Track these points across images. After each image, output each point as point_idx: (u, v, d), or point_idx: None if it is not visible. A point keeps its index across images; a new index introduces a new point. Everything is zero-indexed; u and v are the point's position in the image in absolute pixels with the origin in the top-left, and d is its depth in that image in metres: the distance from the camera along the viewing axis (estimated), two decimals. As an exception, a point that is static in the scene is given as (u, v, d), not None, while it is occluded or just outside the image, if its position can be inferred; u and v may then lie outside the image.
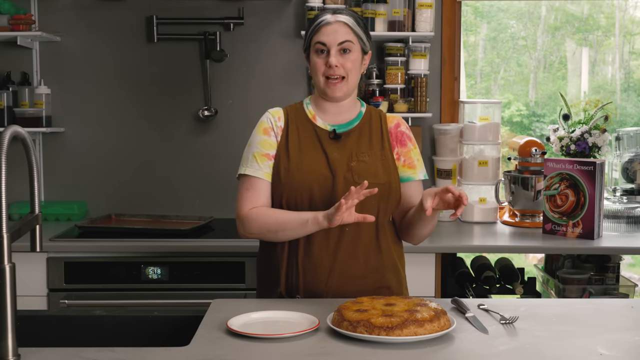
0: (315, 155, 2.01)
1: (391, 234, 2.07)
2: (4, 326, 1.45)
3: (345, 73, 1.99)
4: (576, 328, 1.73)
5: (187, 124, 3.52)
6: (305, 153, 2.02)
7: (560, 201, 3.03)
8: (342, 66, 1.99)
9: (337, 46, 1.98)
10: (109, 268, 2.89)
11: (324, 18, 2.00)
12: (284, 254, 2.01)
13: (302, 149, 2.02)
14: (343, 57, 1.99)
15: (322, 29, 1.99)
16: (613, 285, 3.08)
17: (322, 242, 1.98)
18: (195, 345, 1.59)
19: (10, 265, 1.45)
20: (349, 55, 1.99)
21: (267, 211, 1.98)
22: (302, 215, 1.93)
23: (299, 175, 1.99)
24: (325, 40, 1.98)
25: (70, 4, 3.45)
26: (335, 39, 1.98)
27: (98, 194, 3.51)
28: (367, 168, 2.01)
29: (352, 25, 1.99)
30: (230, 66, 3.49)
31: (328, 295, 1.97)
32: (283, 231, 1.95)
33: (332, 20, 1.99)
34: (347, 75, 2.00)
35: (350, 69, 2.00)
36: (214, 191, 3.50)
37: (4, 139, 1.45)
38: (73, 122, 3.50)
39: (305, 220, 1.91)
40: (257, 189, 2.01)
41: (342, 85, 2.01)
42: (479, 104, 3.55)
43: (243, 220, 2.00)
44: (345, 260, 1.98)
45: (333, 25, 1.99)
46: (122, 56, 3.49)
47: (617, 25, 5.74)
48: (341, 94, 2.02)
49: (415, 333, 1.57)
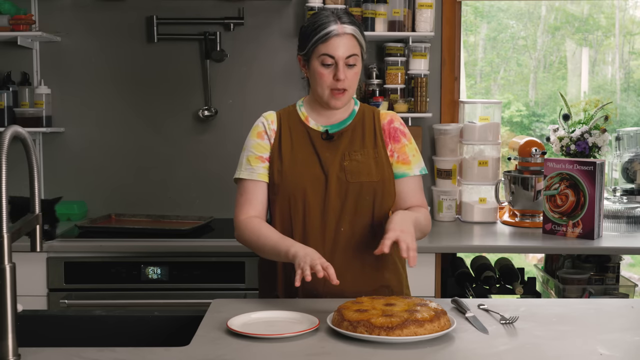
0: (308, 157, 2.02)
1: None
2: (4, 326, 1.46)
3: (348, 85, 2.00)
4: (576, 328, 1.73)
5: (187, 124, 3.52)
6: (297, 155, 2.02)
7: (560, 201, 3.03)
8: (347, 78, 1.99)
9: (345, 59, 1.97)
10: (109, 268, 2.89)
11: (330, 29, 1.95)
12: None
13: (294, 150, 2.03)
14: (349, 70, 1.98)
15: (331, 41, 1.95)
16: (613, 285, 3.09)
17: (319, 242, 1.99)
18: (195, 345, 1.59)
19: (11, 265, 1.46)
20: (354, 68, 1.99)
21: (255, 227, 1.99)
22: (278, 245, 1.90)
23: (291, 177, 2.00)
24: (334, 54, 1.95)
25: (71, 4, 3.46)
26: (344, 52, 1.96)
27: (98, 194, 3.51)
28: (360, 166, 2.01)
29: (357, 36, 1.98)
30: (230, 66, 3.49)
31: (327, 296, 1.97)
32: (262, 253, 1.99)
33: (340, 32, 1.95)
34: (349, 88, 2.00)
35: (353, 81, 2.01)
36: (213, 191, 3.50)
37: (4, 139, 1.45)
38: (73, 122, 3.50)
39: (278, 252, 1.91)
40: (251, 193, 2.04)
41: (345, 97, 2.01)
42: (479, 104, 3.55)
43: (236, 227, 2.04)
44: (342, 260, 1.99)
45: (342, 37, 1.95)
46: (122, 56, 3.50)
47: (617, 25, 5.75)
48: (343, 104, 2.03)
49: (416, 333, 1.57)
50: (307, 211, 1.99)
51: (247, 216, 2.02)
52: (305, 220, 2.00)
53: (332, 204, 1.99)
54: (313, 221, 1.99)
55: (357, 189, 2.00)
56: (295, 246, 1.86)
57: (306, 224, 2.00)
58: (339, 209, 1.99)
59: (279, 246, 1.90)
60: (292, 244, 1.88)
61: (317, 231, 1.99)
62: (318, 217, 1.99)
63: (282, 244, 1.90)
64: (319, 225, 1.99)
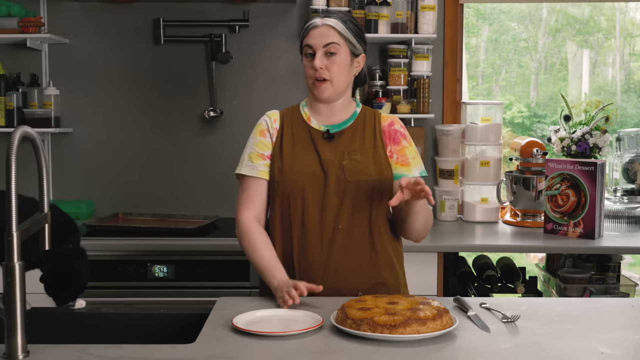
0: (308, 155, 2.05)
1: (386, 231, 2.09)
2: (14, 323, 1.47)
3: (330, 76, 2.02)
4: (577, 327, 1.73)
5: (193, 125, 3.55)
6: (298, 153, 2.05)
7: (562, 201, 3.05)
8: (327, 69, 2.02)
9: (323, 48, 2.01)
10: (116, 266, 2.91)
11: (312, 22, 2.05)
12: (280, 252, 2.05)
13: (295, 149, 2.06)
14: (329, 60, 2.02)
15: (310, 32, 2.03)
16: (614, 285, 3.09)
17: (317, 239, 2.02)
18: (201, 343, 1.61)
19: (20, 263, 1.47)
20: (334, 58, 2.02)
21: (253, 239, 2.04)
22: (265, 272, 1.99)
23: (291, 175, 2.03)
24: (311, 43, 2.02)
25: (79, 7, 3.48)
26: (321, 41, 2.01)
27: (105, 193, 3.54)
28: (359, 166, 2.03)
29: (339, 28, 2.02)
30: (235, 68, 3.51)
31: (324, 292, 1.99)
32: (252, 264, 2.05)
33: (319, 24, 2.03)
34: (332, 78, 2.03)
35: (336, 72, 2.03)
36: (219, 190, 3.52)
37: (14, 139, 1.47)
38: (81, 122, 3.53)
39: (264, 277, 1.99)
40: (252, 190, 2.08)
41: (327, 87, 2.03)
42: (480, 105, 3.56)
43: (237, 228, 2.09)
44: (339, 257, 2.02)
45: (320, 28, 2.02)
46: (129, 58, 3.52)
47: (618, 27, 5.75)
48: (327, 96, 2.05)
49: (418, 331, 1.58)
50: (305, 209, 2.02)
51: (248, 218, 2.06)
52: (304, 217, 2.02)
53: (330, 202, 2.02)
54: (311, 219, 2.02)
55: (355, 188, 2.02)
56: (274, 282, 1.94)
57: (305, 221, 2.02)
58: (337, 207, 2.02)
59: (265, 273, 1.99)
60: (272, 278, 1.95)
61: (316, 228, 2.02)
62: (316, 214, 2.02)
63: (268, 273, 1.98)
64: (317, 222, 2.02)
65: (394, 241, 2.12)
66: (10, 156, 1.44)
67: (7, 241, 1.46)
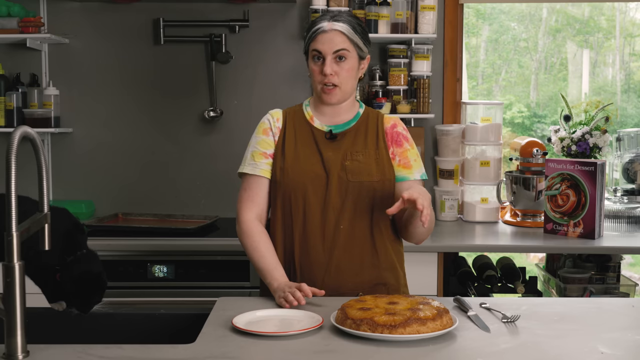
0: (310, 155, 2.05)
1: (388, 232, 2.09)
2: (14, 323, 1.47)
3: (339, 82, 2.03)
4: (577, 327, 1.74)
5: (193, 125, 3.55)
6: (300, 153, 2.06)
7: (562, 201, 3.05)
8: (337, 74, 2.02)
9: (333, 54, 2.01)
10: (116, 266, 2.91)
11: (320, 25, 2.03)
12: (281, 251, 2.06)
13: (297, 149, 2.06)
14: (338, 65, 2.02)
15: (319, 37, 2.02)
16: (614, 285, 3.10)
17: (318, 239, 2.02)
18: (201, 343, 1.61)
19: (20, 264, 1.47)
20: (343, 64, 2.02)
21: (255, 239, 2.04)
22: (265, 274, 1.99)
23: (293, 174, 2.03)
24: (321, 49, 2.01)
25: (79, 7, 3.48)
26: (331, 47, 2.00)
27: (105, 194, 3.54)
28: (361, 167, 2.04)
29: (348, 33, 2.01)
30: (235, 68, 3.51)
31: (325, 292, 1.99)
32: (253, 264, 2.06)
33: (328, 28, 2.01)
34: (340, 84, 2.03)
35: (345, 77, 2.03)
36: (219, 191, 3.53)
37: (13, 140, 1.46)
38: (81, 122, 3.53)
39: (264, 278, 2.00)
40: (254, 189, 2.08)
41: (337, 93, 2.04)
42: (480, 105, 3.56)
43: (238, 227, 2.09)
44: (340, 257, 2.02)
45: (329, 33, 2.01)
46: (129, 58, 3.52)
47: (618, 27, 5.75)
48: (335, 100, 2.06)
49: (418, 331, 1.58)
50: (307, 208, 2.02)
51: (249, 216, 2.06)
52: (306, 217, 2.03)
53: (332, 202, 2.02)
54: (313, 218, 2.02)
55: (357, 188, 2.03)
56: (274, 284, 1.94)
57: (306, 221, 2.03)
58: (338, 207, 2.02)
59: (265, 274, 1.99)
60: (272, 279, 1.96)
61: (317, 228, 2.02)
62: (318, 214, 2.02)
63: (268, 274, 1.99)
64: (318, 222, 2.02)
65: (395, 242, 2.13)
66: (10, 156, 1.44)
67: (7, 241, 1.46)
